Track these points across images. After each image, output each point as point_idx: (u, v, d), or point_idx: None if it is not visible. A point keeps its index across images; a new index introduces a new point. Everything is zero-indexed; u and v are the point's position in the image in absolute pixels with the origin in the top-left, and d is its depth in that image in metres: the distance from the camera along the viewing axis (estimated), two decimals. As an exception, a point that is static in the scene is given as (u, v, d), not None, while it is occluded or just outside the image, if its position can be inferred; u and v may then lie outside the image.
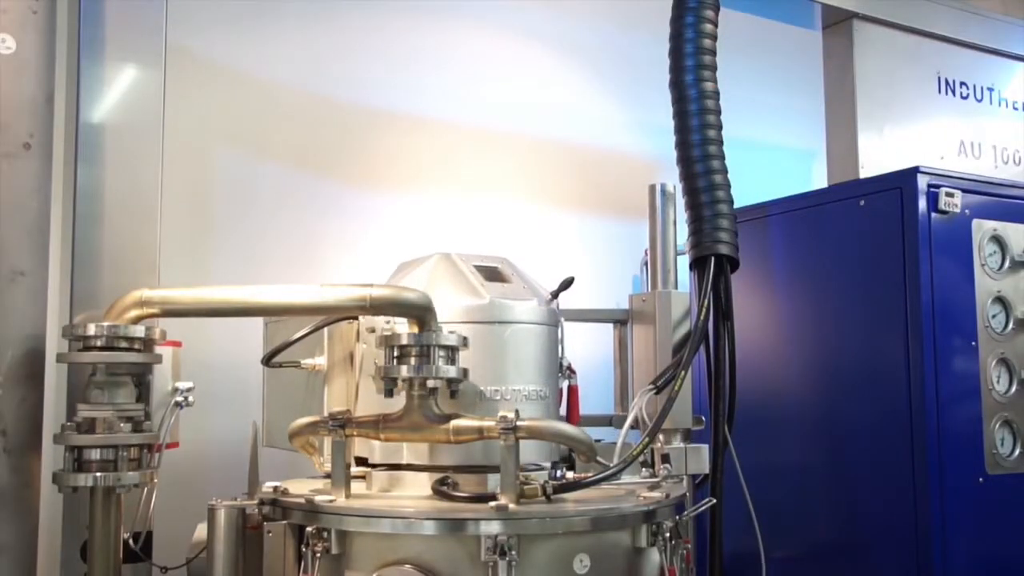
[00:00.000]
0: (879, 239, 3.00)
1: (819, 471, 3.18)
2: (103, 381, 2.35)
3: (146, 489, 2.61)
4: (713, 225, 2.70)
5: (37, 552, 2.60)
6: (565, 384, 2.63)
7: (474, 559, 2.03)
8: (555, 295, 2.55)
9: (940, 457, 2.85)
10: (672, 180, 2.88)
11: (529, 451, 2.37)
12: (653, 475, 2.52)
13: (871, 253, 3.02)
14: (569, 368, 2.62)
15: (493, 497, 2.12)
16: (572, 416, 2.68)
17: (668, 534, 2.22)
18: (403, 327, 2.30)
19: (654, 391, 2.60)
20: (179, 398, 2.68)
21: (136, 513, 2.63)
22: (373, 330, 2.43)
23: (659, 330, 2.77)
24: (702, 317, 2.64)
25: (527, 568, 2.06)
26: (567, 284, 2.56)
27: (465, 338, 2.30)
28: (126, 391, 2.38)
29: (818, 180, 3.70)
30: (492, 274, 2.50)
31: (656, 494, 2.32)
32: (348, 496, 2.27)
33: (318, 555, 2.12)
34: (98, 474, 2.30)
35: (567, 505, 2.20)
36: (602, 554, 2.15)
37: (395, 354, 2.26)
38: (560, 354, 2.57)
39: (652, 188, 2.95)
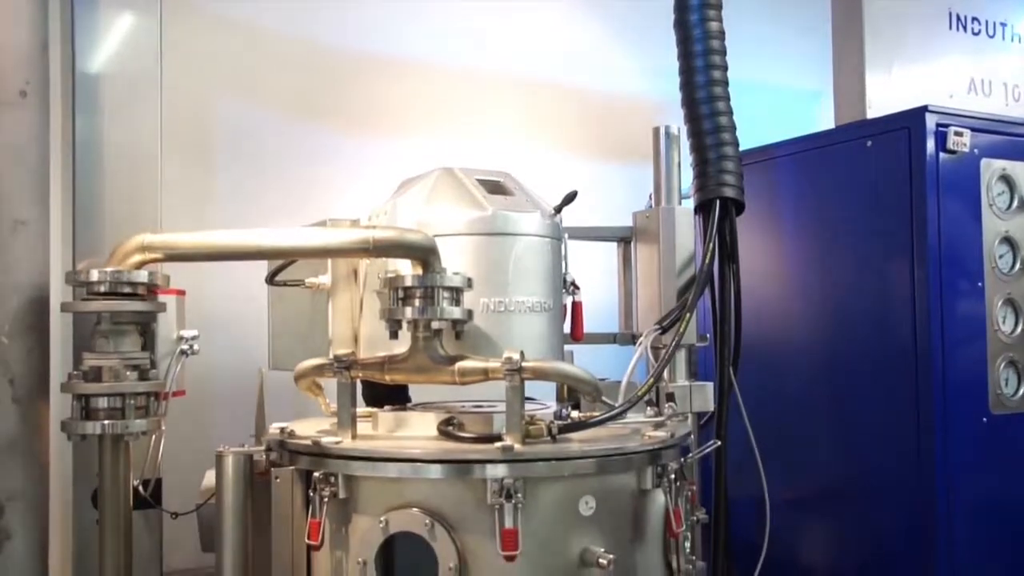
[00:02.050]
0: (886, 180, 2.98)
1: (824, 413, 3.18)
2: (108, 330, 2.36)
3: (154, 437, 2.64)
4: (718, 168, 2.68)
5: (49, 499, 2.66)
6: (569, 300, 2.64)
7: (480, 502, 2.05)
8: (559, 209, 2.54)
9: (944, 397, 2.86)
10: (677, 122, 2.85)
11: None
12: (658, 414, 2.54)
13: (878, 194, 3.00)
14: (573, 284, 2.62)
15: (499, 437, 2.14)
16: (576, 331, 2.70)
17: (673, 476, 2.23)
18: (407, 268, 2.30)
19: (659, 330, 2.62)
20: (184, 346, 2.70)
21: (145, 460, 2.68)
22: None
23: (663, 247, 2.78)
24: (707, 260, 2.63)
25: (533, 511, 2.07)
26: (571, 198, 2.54)
27: (470, 279, 2.30)
28: (131, 340, 2.40)
29: (825, 121, 3.65)
30: (495, 187, 2.49)
31: (661, 433, 2.32)
32: (354, 437, 2.28)
33: (325, 500, 2.13)
34: (106, 422, 2.33)
35: (572, 445, 2.20)
36: (607, 496, 2.16)
37: (399, 296, 2.26)
38: (564, 270, 2.58)
39: (656, 130, 2.93)
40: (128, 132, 2.76)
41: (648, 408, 2.53)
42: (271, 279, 2.65)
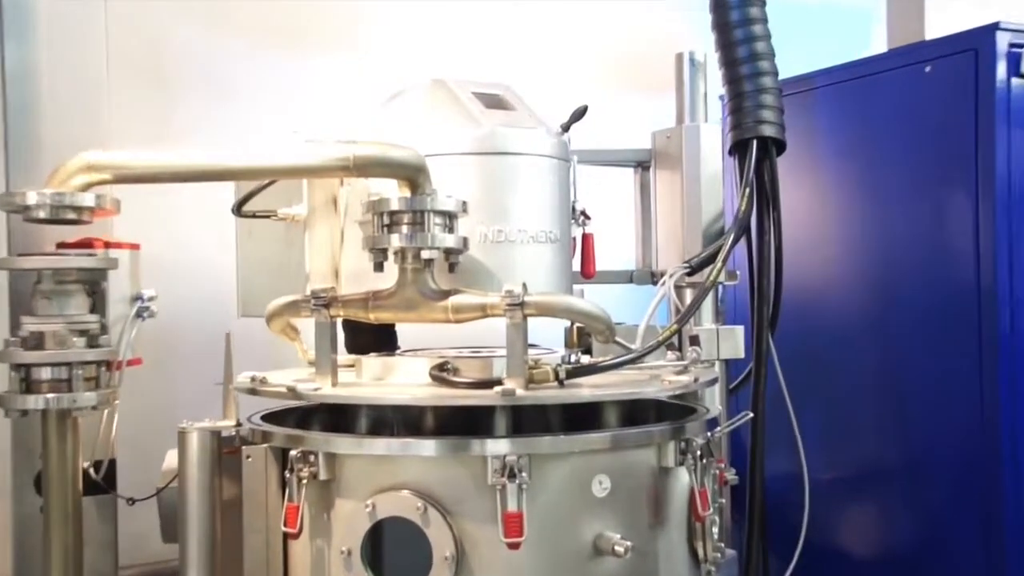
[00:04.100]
0: (947, 111, 2.95)
1: (870, 382, 3.19)
2: (51, 290, 2.38)
3: (106, 412, 2.65)
4: (756, 102, 2.67)
5: (-18, 485, 2.69)
6: (579, 232, 2.66)
7: (480, 482, 2.05)
8: (566, 127, 2.54)
9: (1012, 366, 2.84)
10: (703, 48, 2.86)
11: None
12: (680, 359, 2.50)
13: (937, 128, 2.99)
14: (583, 214, 2.63)
15: (499, 382, 2.14)
16: (587, 267, 2.71)
17: (699, 452, 2.22)
18: (392, 190, 2.28)
19: (687, 270, 2.63)
20: (140, 307, 2.70)
21: (96, 439, 2.69)
22: None
23: (686, 173, 2.81)
24: (743, 207, 2.63)
25: (540, 492, 2.07)
26: (580, 114, 2.55)
27: (464, 202, 2.29)
28: (78, 301, 2.42)
29: (876, 45, 3.63)
30: (493, 101, 2.48)
31: (684, 378, 2.33)
32: (335, 384, 2.29)
33: (304, 481, 2.13)
34: (50, 396, 2.34)
35: (582, 390, 2.23)
36: (624, 475, 2.17)
37: (384, 222, 2.25)
38: (572, 197, 2.59)
39: (679, 57, 2.96)
40: (70, 60, 2.74)
41: (669, 353, 2.50)
42: (238, 209, 2.64)
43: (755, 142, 2.68)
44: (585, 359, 2.43)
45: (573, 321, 2.52)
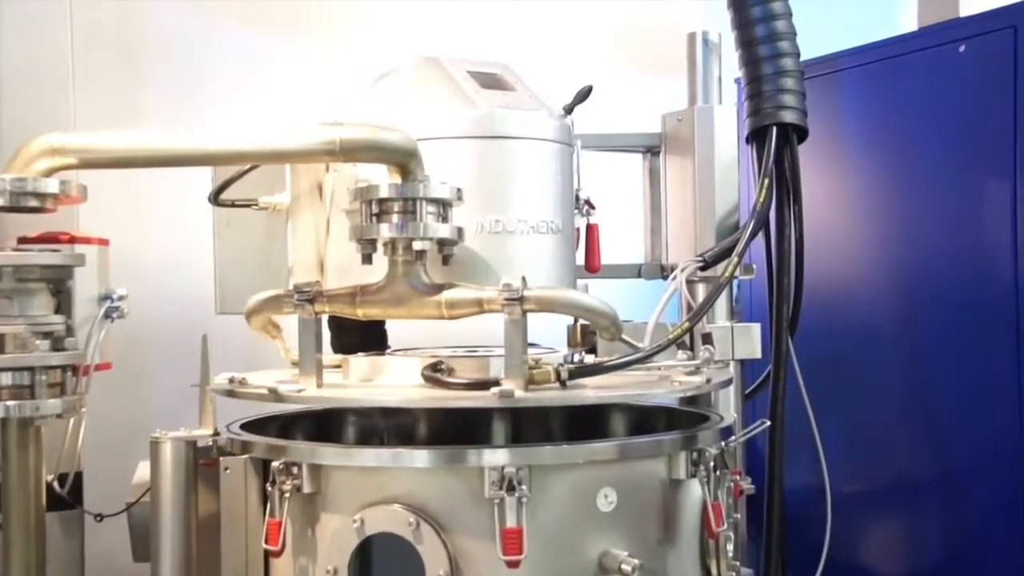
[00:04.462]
0: (984, 93, 2.92)
1: (899, 386, 3.16)
2: (11, 288, 2.34)
3: (72, 420, 2.64)
4: (776, 86, 2.62)
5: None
6: (583, 223, 2.64)
7: (476, 496, 2.03)
8: (569, 109, 2.53)
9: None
10: (718, 27, 2.83)
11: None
12: (692, 359, 2.47)
13: (973, 112, 2.95)
14: (587, 203, 2.61)
15: (496, 383, 2.12)
16: (591, 260, 2.69)
17: (712, 463, 2.21)
18: (382, 176, 2.26)
19: (701, 264, 2.61)
20: (109, 307, 2.69)
21: (62, 450, 2.68)
22: None
23: (699, 158, 2.78)
24: (762, 199, 2.59)
25: (541, 506, 2.05)
26: (584, 94, 2.53)
27: (459, 189, 2.26)
28: (41, 300, 2.39)
29: (906, 23, 3.59)
30: (490, 81, 2.46)
31: (696, 379, 2.31)
32: (320, 385, 2.27)
33: (287, 495, 2.12)
34: (10, 403, 2.34)
35: (586, 391, 2.22)
36: (631, 488, 2.16)
37: (373, 211, 2.23)
38: (576, 185, 2.58)
39: (691, 37, 2.94)
40: (32, 38, 2.70)
41: (680, 353, 2.47)
42: (216, 197, 2.62)
43: (775, 129, 2.63)
44: (589, 359, 2.40)
45: (576, 318, 2.50)
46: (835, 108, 3.31)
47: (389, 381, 2.33)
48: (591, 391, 2.23)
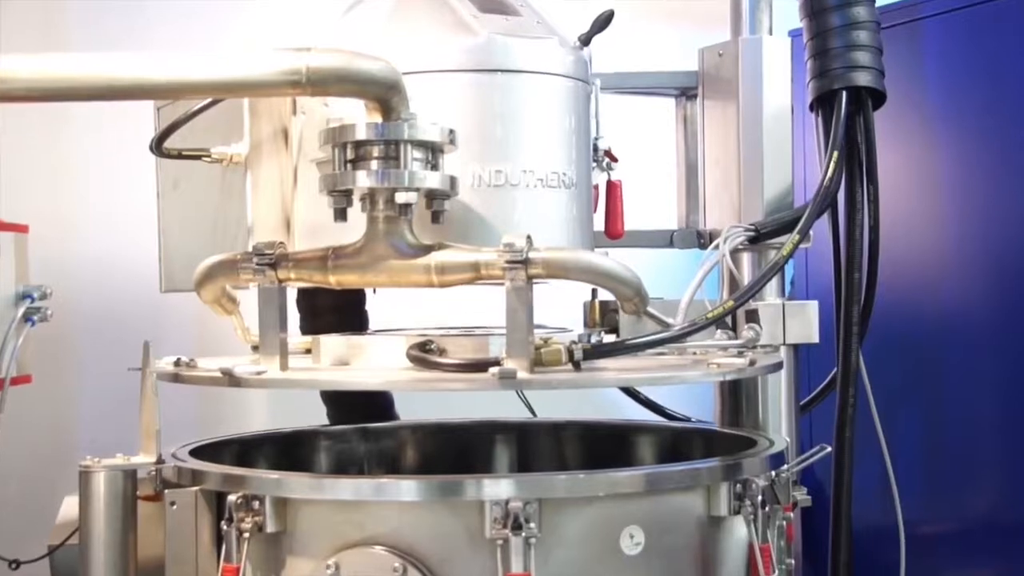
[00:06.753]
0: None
1: (991, 412, 3.21)
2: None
3: (-17, 445, 2.63)
4: (846, 42, 2.63)
5: None
6: (603, 178, 2.64)
7: (475, 536, 2.07)
8: (587, 39, 2.50)
9: None
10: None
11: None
12: (733, 339, 2.50)
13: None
14: (608, 154, 2.60)
15: (496, 363, 2.12)
16: (613, 224, 2.68)
17: (760, 497, 2.23)
18: (359, 114, 2.21)
19: (752, 233, 2.64)
20: (29, 309, 2.80)
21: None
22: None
23: (744, 102, 2.78)
24: (830, 174, 2.61)
25: (553, 548, 2.08)
26: (605, 21, 2.51)
27: (452, 131, 2.20)
28: (-56, 302, 2.45)
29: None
30: (490, 3, 2.43)
31: (738, 361, 2.27)
32: (285, 368, 2.25)
33: (246, 535, 2.14)
34: (-90, 424, 2.40)
35: (605, 373, 2.21)
36: (662, 527, 2.18)
37: (348, 156, 2.19)
38: (594, 132, 2.57)
39: None
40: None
41: (719, 332, 2.49)
42: (158, 146, 2.58)
43: (845, 93, 2.65)
44: (610, 339, 2.40)
45: (594, 287, 2.48)
46: (918, 65, 3.36)
47: (369, 363, 2.33)
48: (612, 373, 2.20)
